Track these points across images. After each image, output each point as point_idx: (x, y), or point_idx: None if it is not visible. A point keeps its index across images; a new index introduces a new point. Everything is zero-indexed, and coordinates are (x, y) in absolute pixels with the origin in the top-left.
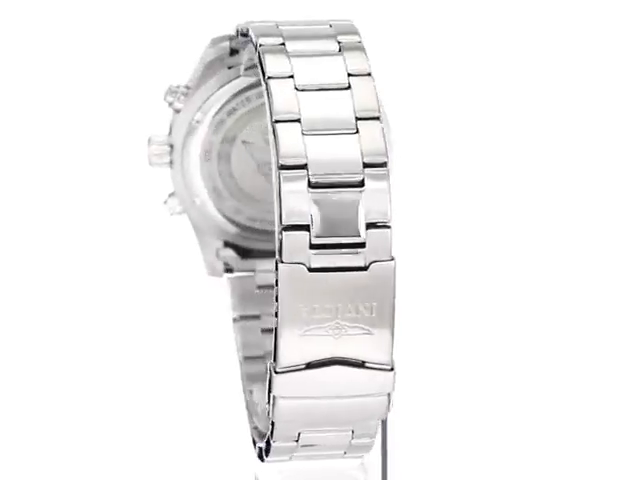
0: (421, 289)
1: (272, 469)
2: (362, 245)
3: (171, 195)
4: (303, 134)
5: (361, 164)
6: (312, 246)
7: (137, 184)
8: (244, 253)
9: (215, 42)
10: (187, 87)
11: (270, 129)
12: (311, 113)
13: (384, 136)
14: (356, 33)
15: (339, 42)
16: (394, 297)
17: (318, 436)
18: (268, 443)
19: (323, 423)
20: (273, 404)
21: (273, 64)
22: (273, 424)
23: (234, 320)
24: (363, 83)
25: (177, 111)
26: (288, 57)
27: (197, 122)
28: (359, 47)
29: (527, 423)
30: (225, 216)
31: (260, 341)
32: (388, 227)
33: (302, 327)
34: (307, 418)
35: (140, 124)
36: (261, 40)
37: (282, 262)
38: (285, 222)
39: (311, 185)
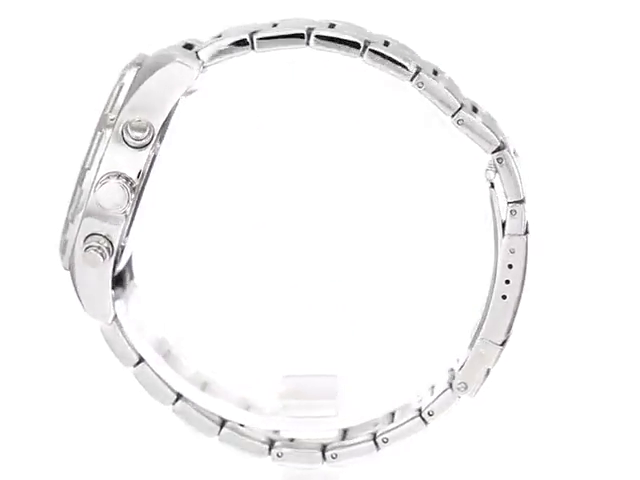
0: None
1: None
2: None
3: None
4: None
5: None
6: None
7: None
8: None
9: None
10: (149, 123)
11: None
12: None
13: None
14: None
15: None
16: None
17: None
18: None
19: None
20: (482, 380)
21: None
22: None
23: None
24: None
25: (141, 147)
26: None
27: (155, 155)
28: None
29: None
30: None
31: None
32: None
33: None
34: None
35: None
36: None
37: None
38: (523, 195)
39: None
